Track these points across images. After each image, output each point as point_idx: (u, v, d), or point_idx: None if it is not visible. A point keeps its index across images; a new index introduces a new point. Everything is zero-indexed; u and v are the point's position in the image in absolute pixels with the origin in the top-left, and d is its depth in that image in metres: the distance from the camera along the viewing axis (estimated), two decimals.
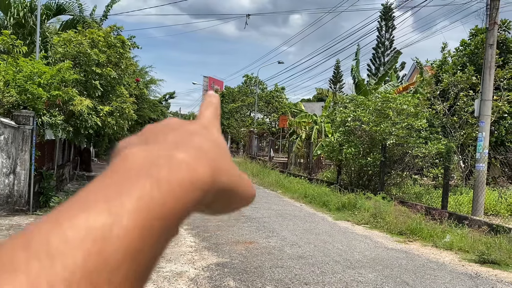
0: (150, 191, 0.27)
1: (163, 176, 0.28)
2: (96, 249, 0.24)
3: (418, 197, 12.18)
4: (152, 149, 0.31)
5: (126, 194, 0.27)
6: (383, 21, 41.14)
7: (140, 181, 0.28)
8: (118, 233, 0.25)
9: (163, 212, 0.27)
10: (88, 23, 13.44)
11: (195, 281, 5.57)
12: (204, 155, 0.32)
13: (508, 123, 15.29)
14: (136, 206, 0.27)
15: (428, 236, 8.76)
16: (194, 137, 0.34)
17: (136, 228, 0.26)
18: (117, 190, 0.27)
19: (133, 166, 0.29)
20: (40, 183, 10.16)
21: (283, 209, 11.87)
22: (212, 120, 0.39)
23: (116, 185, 0.28)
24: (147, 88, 29.32)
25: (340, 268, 6.42)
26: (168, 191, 0.28)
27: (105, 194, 0.27)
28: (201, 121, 0.38)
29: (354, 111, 14.11)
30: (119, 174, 0.29)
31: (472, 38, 17.46)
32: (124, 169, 0.29)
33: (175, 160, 0.30)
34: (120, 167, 0.29)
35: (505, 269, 6.89)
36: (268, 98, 35.70)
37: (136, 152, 0.30)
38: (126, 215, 0.26)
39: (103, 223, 0.25)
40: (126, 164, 0.30)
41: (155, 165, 0.29)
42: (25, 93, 9.08)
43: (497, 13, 10.26)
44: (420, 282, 5.97)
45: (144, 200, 0.27)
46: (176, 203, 0.28)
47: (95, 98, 11.14)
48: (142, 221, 0.26)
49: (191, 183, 0.29)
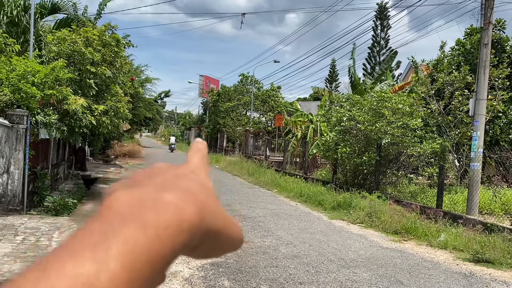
0: (136, 235, 0.27)
1: (149, 220, 0.28)
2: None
3: (413, 196, 12.21)
4: (139, 192, 0.31)
5: (111, 239, 0.27)
6: (378, 21, 41.19)
7: (125, 225, 0.28)
8: (104, 280, 0.26)
9: (150, 256, 0.27)
10: (83, 22, 13.36)
11: (189, 281, 5.56)
12: (192, 197, 0.32)
13: (503, 122, 15.36)
14: (121, 251, 0.27)
15: (423, 235, 8.78)
16: (181, 180, 0.34)
17: (122, 273, 0.26)
18: (102, 236, 0.27)
19: (118, 211, 0.29)
20: (34, 182, 10.10)
21: (279, 208, 11.86)
22: (199, 165, 0.39)
23: (101, 231, 0.28)
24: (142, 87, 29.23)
25: (334, 268, 6.42)
26: (155, 235, 0.28)
27: (90, 241, 0.27)
28: (189, 166, 0.38)
29: (349, 111, 14.12)
30: (105, 220, 0.29)
31: (467, 37, 17.51)
32: (110, 214, 0.29)
33: (161, 202, 0.30)
34: (106, 212, 0.30)
35: (499, 268, 6.92)
36: (264, 97, 35.67)
37: (122, 196, 0.30)
38: (113, 260, 0.26)
39: (89, 270, 0.25)
40: (111, 210, 0.30)
41: (141, 208, 0.29)
42: (18, 92, 9.01)
43: (492, 13, 10.28)
44: (414, 281, 5.98)
45: (130, 244, 0.27)
46: (163, 247, 0.28)
47: (89, 97, 11.08)
48: (129, 265, 0.26)
49: (178, 225, 0.29)
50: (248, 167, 21.98)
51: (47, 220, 8.84)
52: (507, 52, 16.09)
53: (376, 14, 40.91)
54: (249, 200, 13.09)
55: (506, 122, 15.44)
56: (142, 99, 27.81)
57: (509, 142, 14.94)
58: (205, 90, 47.41)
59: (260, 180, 18.19)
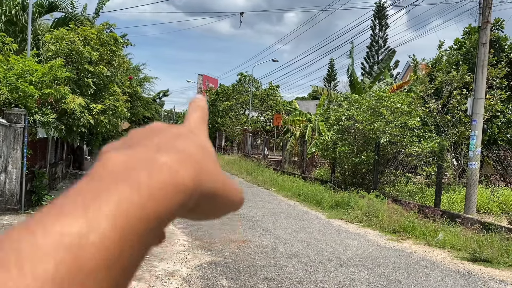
0: (130, 195, 0.27)
1: (143, 180, 0.28)
2: (69, 256, 0.24)
3: (412, 195, 12.22)
4: (133, 153, 0.30)
5: (104, 199, 0.26)
6: (377, 20, 41.22)
7: (119, 185, 0.27)
8: (94, 240, 0.25)
9: (143, 215, 0.27)
10: (81, 21, 13.34)
11: (188, 280, 5.55)
12: (188, 158, 0.31)
13: (501, 121, 15.39)
14: (114, 210, 0.26)
15: (421, 234, 8.79)
16: (178, 140, 0.33)
17: (114, 232, 0.25)
18: (95, 195, 0.27)
19: (113, 171, 0.29)
20: (32, 181, 10.08)
21: (277, 207, 11.87)
22: (199, 124, 0.38)
23: (94, 191, 0.27)
24: (140, 86, 29.19)
25: (333, 267, 6.42)
26: (149, 194, 0.28)
27: (82, 200, 0.26)
28: (188, 125, 0.37)
29: (348, 110, 14.12)
30: (98, 180, 0.28)
31: (466, 36, 17.53)
32: (103, 174, 0.29)
33: (156, 163, 0.29)
34: (100, 172, 0.29)
35: (497, 267, 6.93)
36: (262, 96, 35.67)
37: (116, 157, 0.30)
38: (104, 219, 0.25)
39: (79, 230, 0.25)
40: (106, 169, 0.29)
41: (135, 168, 0.29)
42: (16, 91, 8.99)
43: (490, 12, 10.29)
44: (412, 281, 5.99)
45: (123, 204, 0.26)
46: (158, 206, 0.28)
47: (87, 96, 11.07)
48: (121, 225, 0.26)
49: (173, 185, 0.29)
50: (246, 166, 21.98)
51: None
52: (505, 52, 16.12)
53: (375, 13, 40.94)
54: (248, 199, 13.08)
55: (504, 121, 15.47)
56: (141, 98, 27.79)
57: (507, 141, 14.97)
58: (204, 89, 47.40)
59: (259, 179, 18.18)
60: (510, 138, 15.19)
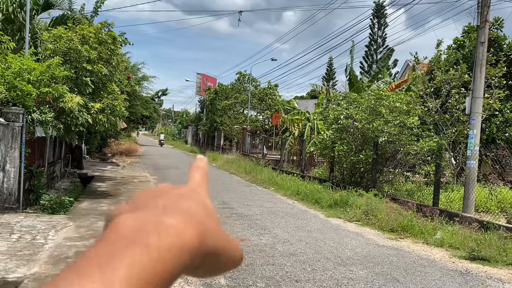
0: (140, 257, 0.29)
1: (152, 243, 0.30)
2: None
3: (410, 194, 12.23)
4: (142, 216, 0.32)
5: (117, 261, 0.28)
6: (376, 19, 41.23)
7: (130, 248, 0.29)
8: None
9: (153, 276, 0.29)
10: (79, 19, 13.30)
11: (185, 278, 5.55)
12: (192, 219, 0.33)
13: (499, 120, 15.41)
14: (127, 272, 0.28)
15: (419, 233, 8.80)
16: (182, 201, 0.35)
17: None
18: (108, 258, 0.29)
19: (124, 234, 0.31)
20: (31, 180, 10.07)
21: (275, 206, 11.87)
22: (201, 183, 0.41)
23: (107, 254, 0.29)
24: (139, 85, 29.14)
25: (331, 265, 6.42)
26: (158, 257, 0.30)
27: (97, 262, 0.29)
28: (190, 184, 0.40)
29: (347, 109, 14.12)
30: (110, 243, 0.30)
31: (465, 35, 17.53)
32: (115, 238, 0.31)
33: (163, 226, 0.31)
34: (111, 236, 0.31)
35: (495, 266, 6.94)
36: (261, 96, 35.64)
37: (126, 220, 0.32)
38: (118, 281, 0.28)
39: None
40: (117, 233, 0.31)
41: (144, 231, 0.31)
42: (14, 89, 8.97)
43: (488, 11, 10.29)
44: (410, 279, 5.99)
45: (135, 266, 0.29)
46: (166, 268, 0.30)
47: (86, 95, 11.03)
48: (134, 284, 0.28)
49: (180, 247, 0.31)
50: (245, 165, 21.98)
51: (43, 218, 8.82)
52: (504, 51, 16.13)
53: (373, 12, 40.93)
54: (246, 198, 13.08)
55: (502, 120, 15.49)
56: (139, 97, 27.72)
57: (505, 140, 14.99)
58: (202, 88, 47.36)
59: (257, 178, 18.18)
60: (508, 137, 15.21)
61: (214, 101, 37.92)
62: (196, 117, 55.14)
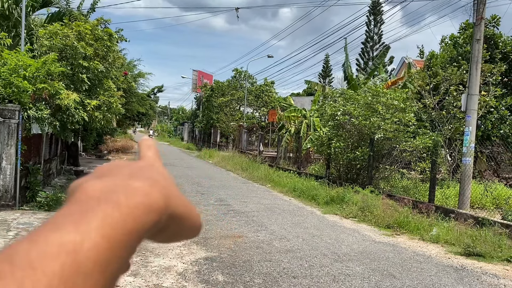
0: (112, 212, 0.31)
1: (121, 201, 0.32)
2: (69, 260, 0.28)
3: (406, 191, 12.29)
4: (109, 180, 0.35)
5: (90, 216, 0.31)
6: (372, 16, 41.25)
7: (101, 205, 0.31)
8: (88, 246, 0.29)
9: (125, 229, 0.31)
10: (75, 16, 13.24)
11: (183, 275, 5.57)
12: (157, 184, 0.36)
13: (494, 117, 15.47)
14: (101, 224, 0.30)
15: (415, 229, 8.85)
16: (144, 171, 0.38)
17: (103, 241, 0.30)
18: (81, 214, 0.31)
19: (93, 195, 0.33)
20: (27, 177, 10.03)
21: (272, 203, 11.90)
22: (155, 159, 0.43)
23: (80, 211, 0.31)
24: (135, 81, 29.05)
25: (328, 261, 6.46)
26: (128, 213, 0.32)
27: (72, 218, 0.31)
28: (146, 160, 0.42)
29: (344, 105, 14.15)
30: (81, 203, 0.32)
31: (462, 32, 17.56)
32: (85, 198, 0.33)
33: (131, 188, 0.34)
34: (81, 197, 0.33)
35: (490, 261, 7.00)
36: (257, 92, 35.62)
37: (94, 184, 0.34)
38: (94, 231, 0.30)
39: (74, 239, 0.29)
40: (87, 195, 0.33)
41: (114, 192, 0.33)
42: (10, 86, 8.93)
43: (484, 8, 10.33)
44: (406, 275, 6.03)
45: (108, 219, 0.31)
46: (136, 224, 0.32)
47: (82, 92, 11.00)
48: (108, 236, 0.30)
49: (148, 205, 0.33)
50: (241, 162, 21.98)
51: (39, 215, 8.80)
52: (500, 48, 16.19)
53: (370, 9, 40.94)
54: (243, 195, 13.10)
55: (497, 117, 15.56)
56: (135, 94, 27.66)
57: (501, 137, 15.06)
58: (199, 85, 47.24)
59: (254, 175, 18.20)
60: (503, 134, 15.29)
61: (210, 98, 37.86)
62: (192, 114, 55.03)
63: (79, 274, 0.28)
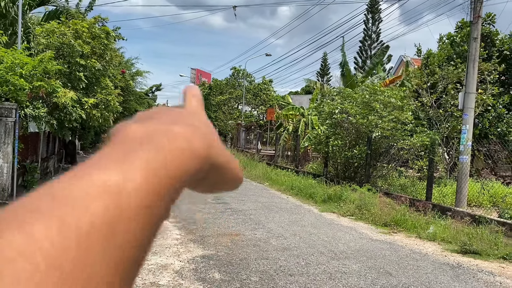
0: (155, 156, 0.29)
1: (164, 144, 0.30)
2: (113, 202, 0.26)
3: (403, 189, 12.32)
4: (150, 125, 0.33)
5: (133, 156, 0.29)
6: (370, 14, 41.26)
7: (144, 147, 0.30)
8: (132, 189, 0.27)
9: (168, 174, 0.29)
10: (72, 14, 13.21)
11: (180, 273, 5.57)
12: (198, 131, 0.34)
13: (492, 115, 15.51)
14: (145, 166, 0.28)
15: (412, 227, 8.87)
16: (186, 117, 0.36)
17: (146, 184, 0.28)
18: (124, 154, 0.29)
19: (135, 137, 0.31)
20: (24, 176, 10.03)
21: (270, 201, 11.91)
22: (199, 108, 0.41)
23: (123, 152, 0.30)
24: (133, 80, 29.02)
25: (324, 259, 6.47)
26: (171, 156, 0.30)
27: (114, 158, 0.29)
28: (189, 109, 0.40)
29: (341, 104, 14.16)
30: (123, 144, 0.31)
31: (458, 30, 17.59)
32: (127, 140, 0.31)
33: (172, 133, 0.32)
34: (123, 139, 0.31)
35: (486, 259, 7.03)
36: (255, 91, 35.63)
37: (135, 127, 0.32)
38: (137, 172, 0.28)
39: (117, 180, 0.27)
40: (128, 136, 0.31)
41: (155, 135, 0.31)
42: (6, 84, 8.91)
43: (481, 7, 10.35)
44: (403, 273, 6.05)
45: (151, 162, 0.29)
46: (178, 169, 0.30)
47: (79, 90, 10.99)
48: (152, 178, 0.28)
49: (190, 152, 0.31)
50: (239, 160, 21.96)
51: None
52: (496, 46, 16.21)
53: (368, 8, 40.94)
54: (240, 193, 13.11)
55: (494, 115, 15.59)
56: (133, 92, 27.63)
57: (498, 135, 15.10)
58: (197, 83, 47.21)
59: (252, 173, 18.22)
60: (500, 132, 15.32)
61: (209, 97, 37.84)
62: None
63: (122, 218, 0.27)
